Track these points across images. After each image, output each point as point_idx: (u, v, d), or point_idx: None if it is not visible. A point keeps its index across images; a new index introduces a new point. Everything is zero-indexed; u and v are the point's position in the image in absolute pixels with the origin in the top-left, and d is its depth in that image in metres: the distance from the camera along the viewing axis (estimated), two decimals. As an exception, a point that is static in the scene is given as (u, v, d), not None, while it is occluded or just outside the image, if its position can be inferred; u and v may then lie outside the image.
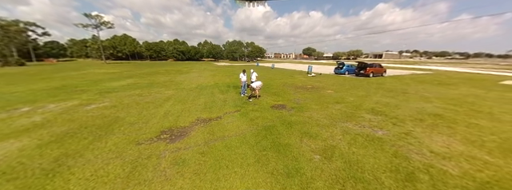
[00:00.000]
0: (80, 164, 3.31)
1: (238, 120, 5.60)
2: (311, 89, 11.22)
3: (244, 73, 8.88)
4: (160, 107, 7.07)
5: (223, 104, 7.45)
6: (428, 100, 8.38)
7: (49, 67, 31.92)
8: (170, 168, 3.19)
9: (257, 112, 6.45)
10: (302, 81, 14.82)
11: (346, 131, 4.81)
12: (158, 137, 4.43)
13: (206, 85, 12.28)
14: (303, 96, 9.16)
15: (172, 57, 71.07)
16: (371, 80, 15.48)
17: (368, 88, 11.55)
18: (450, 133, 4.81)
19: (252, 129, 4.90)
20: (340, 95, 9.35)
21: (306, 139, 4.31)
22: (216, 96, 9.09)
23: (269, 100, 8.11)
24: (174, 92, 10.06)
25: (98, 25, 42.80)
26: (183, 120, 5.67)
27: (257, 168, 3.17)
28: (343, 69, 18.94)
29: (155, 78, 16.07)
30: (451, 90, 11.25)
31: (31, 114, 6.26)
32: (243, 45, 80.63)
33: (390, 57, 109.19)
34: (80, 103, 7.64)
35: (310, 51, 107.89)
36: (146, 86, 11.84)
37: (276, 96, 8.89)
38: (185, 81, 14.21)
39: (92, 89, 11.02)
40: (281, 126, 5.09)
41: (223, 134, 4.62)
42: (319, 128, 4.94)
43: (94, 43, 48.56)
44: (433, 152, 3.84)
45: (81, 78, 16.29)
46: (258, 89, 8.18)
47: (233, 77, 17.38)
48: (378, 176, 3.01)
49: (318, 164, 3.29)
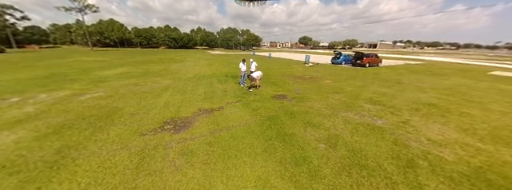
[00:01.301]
0: (84, 155, 3.25)
1: (240, 111, 5.59)
2: (310, 79, 11.23)
3: (244, 62, 8.69)
4: (159, 97, 6.90)
5: (224, 95, 7.37)
6: (423, 91, 8.63)
7: (31, 54, 29.96)
8: (179, 159, 3.20)
9: (258, 102, 6.44)
10: (300, 71, 14.77)
11: (347, 120, 4.93)
12: (162, 128, 4.38)
13: (204, 75, 12.01)
14: (303, 86, 9.18)
15: (164, 45, 68.27)
16: (367, 70, 15.64)
17: (365, 78, 11.70)
18: (445, 122, 5.03)
19: (256, 119, 4.92)
20: (338, 85, 9.44)
21: (309, 128, 4.39)
22: (215, 86, 8.94)
23: (269, 91, 8.08)
24: (170, 81, 9.80)
25: (82, 9, 39.71)
26: (185, 110, 5.60)
27: (265, 157, 3.23)
28: (340, 59, 18.93)
29: (149, 67, 15.51)
30: (444, 80, 11.60)
31: (22, 105, 5.97)
32: (238, 32, 78.09)
33: (384, 46, 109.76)
34: (73, 93, 7.33)
35: (306, 40, 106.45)
36: (141, 75, 11.44)
37: (276, 87, 8.86)
38: (181, 71, 13.81)
39: (83, 78, 10.54)
40: (284, 116, 5.13)
41: (227, 124, 4.61)
42: (321, 118, 5.03)
43: (79, 28, 45.39)
44: (430, 140, 4.03)
45: (68, 66, 15.47)
46: (258, 79, 8.09)
47: (230, 66, 17.05)
48: (381, 163, 3.15)
49: (324, 153, 3.39)
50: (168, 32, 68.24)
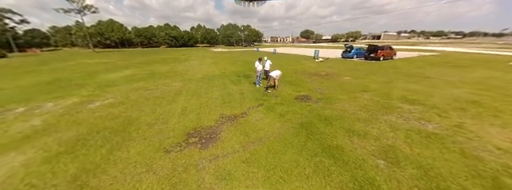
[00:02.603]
0: (106, 183, 2.75)
1: (266, 117, 5.03)
2: (326, 76, 10.57)
3: (260, 61, 8.05)
4: (174, 102, 6.37)
5: (242, 98, 6.81)
6: (455, 86, 7.94)
7: (33, 58, 29.66)
8: (217, 185, 2.67)
9: (283, 105, 5.87)
10: (312, 67, 14.07)
11: (393, 126, 4.34)
12: (187, 142, 3.85)
13: (214, 75, 11.43)
14: (322, 84, 8.55)
15: (164, 44, 67.52)
16: (383, 64, 14.85)
17: (385, 73, 10.98)
18: (503, 124, 4.41)
19: (288, 128, 4.36)
20: (360, 82, 8.78)
21: (355, 138, 3.82)
22: (229, 87, 8.37)
23: (289, 91, 7.49)
24: (181, 84, 9.25)
25: (81, 10, 39.02)
26: (206, 117, 5.06)
27: (320, 182, 2.69)
28: (352, 53, 18.09)
29: (154, 68, 14.96)
30: (470, 73, 10.81)
31: (28, 116, 5.51)
32: (239, 28, 76.68)
33: (388, 37, 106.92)
34: (81, 100, 6.84)
35: (308, 34, 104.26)
36: (148, 78, 10.91)
37: (294, 86, 8.25)
38: (188, 71, 13.24)
39: (89, 82, 10.06)
40: (318, 123, 4.56)
41: (258, 135, 4.07)
42: (362, 124, 4.45)
43: (80, 30, 44.83)
44: (500, 149, 3.43)
45: (72, 70, 15.02)
46: (277, 78, 7.49)
47: (237, 64, 16.39)
48: (465, 186, 2.59)
49: (389, 173, 2.84)
50: (168, 30, 67.30)
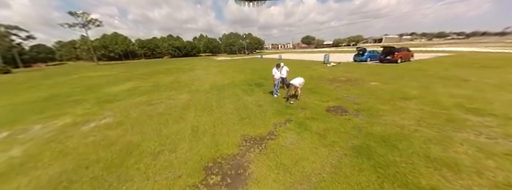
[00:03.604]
0: None
1: (303, 138, 3.94)
2: (348, 81, 9.51)
3: (277, 67, 7.09)
4: (182, 120, 5.34)
5: (262, 111, 5.75)
6: (504, 89, 6.77)
7: (37, 73, 29.54)
8: None
9: (316, 121, 4.78)
10: (327, 72, 13.06)
11: (482, 149, 3.19)
12: (206, 183, 2.76)
13: (223, 85, 10.47)
14: (349, 91, 7.47)
15: (167, 54, 68.06)
16: (404, 66, 13.77)
17: (413, 76, 9.88)
18: None
19: (340, 156, 3.25)
20: (392, 88, 7.68)
21: (447, 172, 2.68)
22: (243, 98, 7.35)
23: (314, 101, 6.42)
24: (188, 96, 8.28)
25: (85, 24, 39.62)
26: (224, 141, 3.99)
27: None
28: (365, 56, 17.13)
29: (158, 79, 14.15)
30: (506, 74, 9.61)
31: (9, 144, 4.52)
32: (241, 37, 77.32)
33: (389, 40, 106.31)
34: (74, 121, 5.87)
35: (309, 40, 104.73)
36: (152, 90, 10.01)
37: (318, 95, 7.19)
38: (194, 81, 12.35)
39: (88, 97, 9.18)
40: (378, 146, 3.44)
41: (303, 169, 2.95)
42: (438, 147, 3.31)
43: (84, 43, 45.36)
44: None
45: (73, 84, 14.32)
46: (300, 87, 6.46)
47: (245, 72, 15.50)
48: None
49: None
50: (171, 41, 68.12)
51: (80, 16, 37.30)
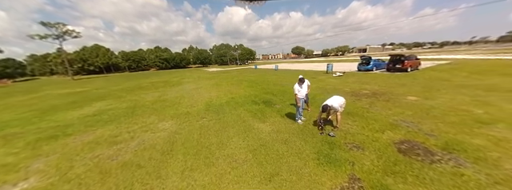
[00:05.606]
0: None
1: None
2: (376, 95, 7.75)
3: (301, 83, 5.07)
4: (159, 183, 3.00)
5: (295, 155, 3.58)
6: None
7: (-5, 91, 25.21)
8: None
9: (403, 179, 2.70)
10: (339, 83, 11.37)
11: None
12: None
13: (220, 104, 8.22)
14: (394, 111, 5.59)
15: (155, 67, 64.59)
16: (417, 75, 12.53)
17: (446, 87, 8.37)
18: None
19: None
20: (443, 104, 5.95)
21: None
22: (255, 127, 5.16)
23: (363, 131, 4.40)
24: (174, 124, 5.92)
25: (60, 36, 36.04)
26: None
27: None
28: (371, 65, 15.94)
29: (138, 97, 11.57)
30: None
31: None
32: (232, 47, 76.49)
33: (373, 50, 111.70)
34: (-37, 188, 3.27)
35: (299, 50, 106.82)
36: (125, 114, 7.49)
37: (358, 118, 5.21)
38: (183, 99, 9.97)
39: (28, 129, 6.46)
40: None
41: None
42: None
43: (57, 56, 41.16)
44: None
45: (27, 106, 11.27)
46: (341, 109, 4.46)
47: (243, 85, 13.42)
48: None
49: None
50: (158, 53, 65.09)
51: (54, 26, 33.92)
